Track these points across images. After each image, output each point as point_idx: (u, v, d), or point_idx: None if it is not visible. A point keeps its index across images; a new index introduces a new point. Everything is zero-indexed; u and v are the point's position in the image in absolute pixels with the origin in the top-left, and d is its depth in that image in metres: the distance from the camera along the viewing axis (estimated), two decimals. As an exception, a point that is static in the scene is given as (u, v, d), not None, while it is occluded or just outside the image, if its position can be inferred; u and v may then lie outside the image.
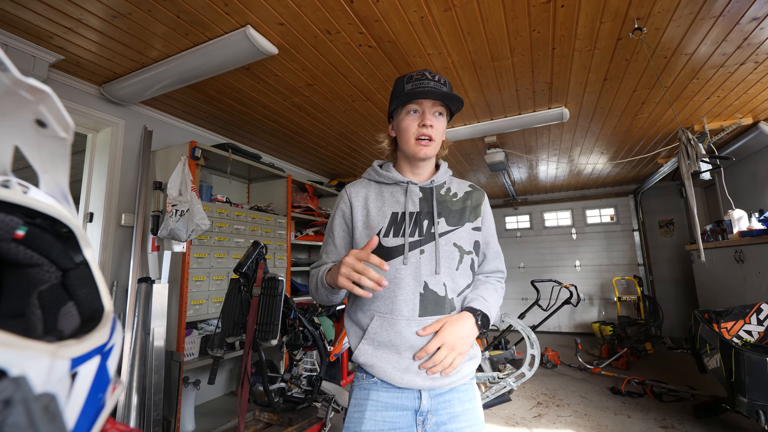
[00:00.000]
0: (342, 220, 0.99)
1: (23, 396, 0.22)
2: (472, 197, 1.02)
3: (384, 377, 0.88)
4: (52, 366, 0.25)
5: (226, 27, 1.93)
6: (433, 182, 0.99)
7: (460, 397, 0.90)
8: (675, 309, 5.41)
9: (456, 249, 0.93)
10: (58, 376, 0.25)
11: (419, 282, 0.89)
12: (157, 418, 2.18)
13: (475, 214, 1.00)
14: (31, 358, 0.23)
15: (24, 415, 0.22)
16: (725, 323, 2.58)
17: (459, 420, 0.88)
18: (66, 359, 0.26)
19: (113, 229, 2.57)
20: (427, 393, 0.88)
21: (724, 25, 2.00)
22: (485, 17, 1.90)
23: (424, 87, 0.91)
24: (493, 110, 3.02)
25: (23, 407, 0.22)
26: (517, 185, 5.83)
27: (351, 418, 0.90)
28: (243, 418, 2.22)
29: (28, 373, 0.23)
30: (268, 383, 2.29)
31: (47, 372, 0.24)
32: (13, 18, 1.83)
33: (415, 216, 0.94)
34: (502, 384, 2.24)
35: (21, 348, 0.23)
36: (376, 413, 0.87)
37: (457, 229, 0.95)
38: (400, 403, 0.88)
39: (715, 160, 3.28)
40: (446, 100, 0.93)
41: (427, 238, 0.92)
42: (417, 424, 0.87)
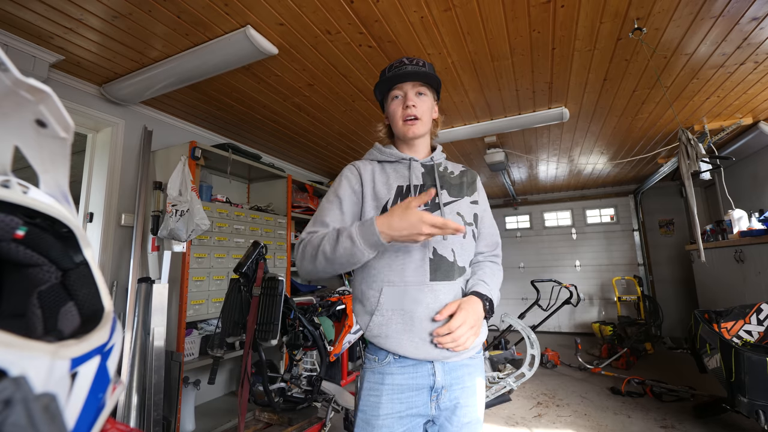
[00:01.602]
0: (351, 190, 0.99)
1: (23, 396, 0.22)
2: (467, 175, 1.09)
3: (398, 349, 0.88)
4: (52, 366, 0.25)
5: (226, 27, 1.93)
6: (433, 159, 1.05)
7: (470, 372, 0.95)
8: (675, 309, 5.41)
9: (460, 218, 0.98)
10: (58, 376, 0.25)
11: (428, 248, 0.93)
12: (157, 418, 2.19)
13: (471, 189, 1.07)
14: (31, 358, 0.23)
15: (24, 415, 0.22)
16: (725, 323, 2.58)
17: (468, 394, 0.92)
18: (66, 359, 0.26)
19: (113, 229, 2.58)
20: (441, 367, 0.90)
21: (724, 25, 2.00)
22: (485, 17, 1.90)
23: (400, 71, 0.98)
24: (493, 110, 3.02)
25: (23, 407, 0.22)
26: (517, 185, 5.83)
27: (367, 402, 0.90)
28: (243, 418, 2.22)
29: (28, 373, 0.23)
30: (268, 383, 2.29)
31: (47, 372, 0.24)
32: (13, 18, 1.83)
33: (420, 188, 0.99)
34: (502, 384, 2.24)
35: (21, 348, 0.23)
36: (392, 396, 0.88)
37: (458, 200, 1.01)
38: (416, 383, 0.89)
39: (715, 160, 3.28)
40: (420, 79, 0.99)
41: (432, 208, 0.97)
42: (431, 400, 0.89)
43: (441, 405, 0.90)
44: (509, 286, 6.56)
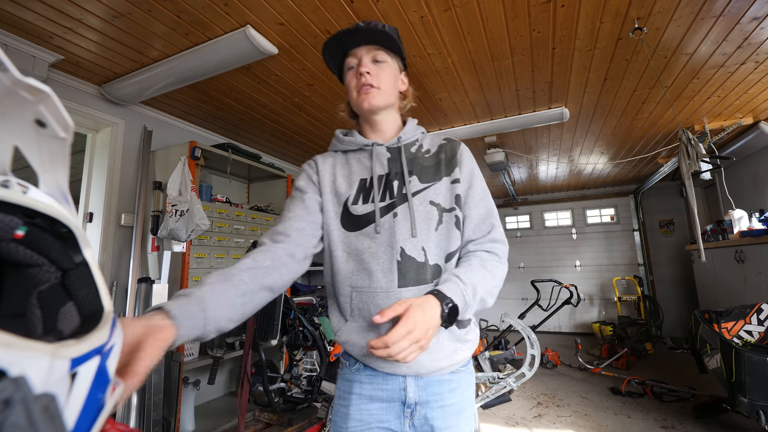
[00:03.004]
0: (310, 180, 0.89)
1: (23, 396, 0.22)
2: (446, 149, 0.89)
3: (367, 360, 0.80)
4: (52, 366, 0.25)
5: (226, 27, 1.93)
6: (400, 140, 0.88)
7: (452, 389, 0.81)
8: (675, 309, 5.41)
9: (434, 207, 0.82)
10: (58, 376, 0.25)
11: (395, 249, 0.79)
12: (157, 419, 2.18)
13: (451, 166, 0.86)
14: (30, 359, 0.23)
15: (24, 415, 0.22)
16: (725, 323, 2.58)
17: (448, 414, 0.80)
18: (66, 359, 0.26)
19: (113, 229, 2.57)
20: (413, 382, 0.79)
21: (725, 25, 2.00)
22: (485, 17, 1.90)
23: (348, 30, 0.83)
24: (493, 110, 3.01)
25: (23, 407, 0.22)
26: (517, 185, 5.83)
27: (337, 411, 0.84)
28: (243, 418, 2.22)
29: (27, 373, 0.23)
30: (268, 383, 2.29)
31: (47, 372, 0.24)
32: (13, 18, 1.83)
33: (384, 178, 0.85)
34: (502, 384, 2.24)
35: (21, 348, 0.23)
36: (360, 406, 0.80)
37: (432, 185, 0.84)
38: (385, 395, 0.80)
39: (716, 160, 3.28)
40: (375, 41, 0.83)
41: (399, 200, 0.82)
42: (405, 416, 0.79)
43: (416, 423, 0.79)
44: (509, 286, 6.55)
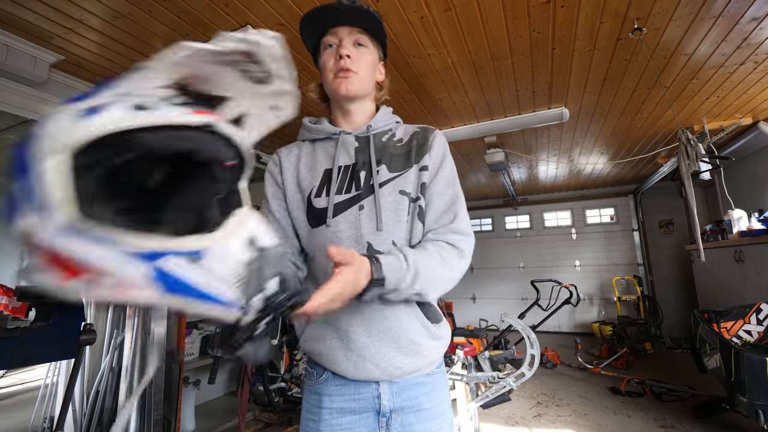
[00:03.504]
0: (275, 185, 0.85)
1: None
2: (418, 136, 0.83)
3: (335, 368, 0.74)
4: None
5: (226, 27, 1.93)
6: (370, 128, 0.83)
7: (427, 392, 0.77)
8: (675, 309, 5.41)
9: (404, 197, 0.77)
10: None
11: (361, 244, 0.74)
12: (157, 418, 2.18)
13: (421, 153, 0.80)
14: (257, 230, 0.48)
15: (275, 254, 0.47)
16: (725, 323, 2.58)
17: (427, 418, 0.76)
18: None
19: (113, 229, 2.57)
20: (387, 388, 0.74)
21: (724, 26, 2.00)
22: (485, 17, 1.90)
23: (329, 7, 0.76)
24: (493, 110, 3.02)
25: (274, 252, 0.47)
26: (517, 185, 5.83)
27: (305, 425, 0.77)
28: (243, 417, 2.22)
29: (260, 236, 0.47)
30: (268, 383, 2.30)
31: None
32: (13, 18, 1.83)
33: (351, 168, 0.79)
34: (501, 384, 2.24)
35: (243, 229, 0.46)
36: (331, 422, 0.74)
37: (403, 174, 0.78)
38: (358, 406, 0.74)
39: (715, 160, 3.28)
40: (363, 23, 0.78)
41: (366, 192, 0.76)
42: (380, 427, 0.74)
43: (393, 431, 0.75)
44: (509, 286, 6.56)
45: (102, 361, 2.36)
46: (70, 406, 2.14)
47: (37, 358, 1.03)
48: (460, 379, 2.39)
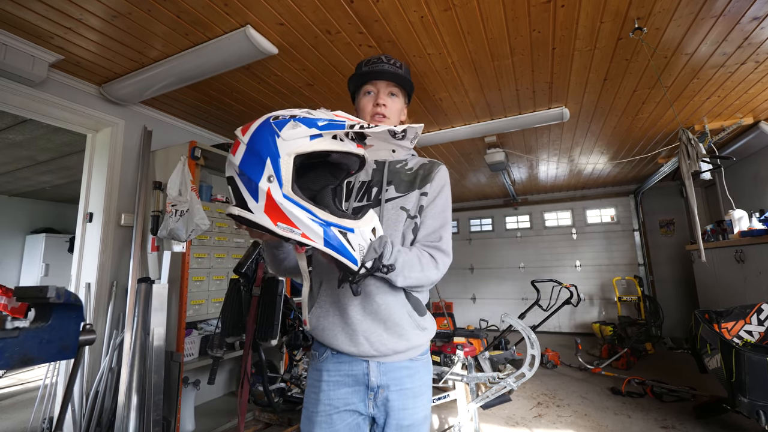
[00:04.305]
0: None
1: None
2: (425, 167, 1.02)
3: (333, 342, 0.91)
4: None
5: (226, 27, 1.93)
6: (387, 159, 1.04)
7: (410, 374, 0.93)
8: (675, 309, 5.40)
9: (403, 212, 0.96)
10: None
11: None
12: (157, 419, 2.18)
13: (425, 181, 0.99)
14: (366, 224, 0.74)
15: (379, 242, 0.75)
16: (726, 323, 2.58)
17: (407, 396, 0.91)
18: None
19: (113, 229, 2.57)
20: (375, 367, 0.90)
21: (725, 25, 2.00)
22: (485, 17, 1.90)
23: (377, 68, 1.00)
24: (493, 110, 3.01)
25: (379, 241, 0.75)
26: (517, 185, 5.83)
27: (308, 398, 0.94)
28: (243, 418, 2.22)
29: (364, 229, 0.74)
30: (268, 383, 2.29)
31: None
32: (13, 18, 1.83)
33: (366, 184, 1.00)
34: (502, 384, 2.24)
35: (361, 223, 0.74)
36: (329, 393, 0.91)
37: (405, 195, 0.97)
38: (351, 380, 0.91)
39: (716, 160, 3.28)
40: (397, 80, 1.01)
41: (374, 203, 0.97)
42: (369, 398, 0.90)
43: (378, 404, 0.90)
44: (509, 286, 6.56)
45: (101, 361, 2.35)
46: (69, 406, 2.13)
47: (36, 358, 1.02)
48: (461, 379, 2.38)
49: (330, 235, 0.67)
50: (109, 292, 2.50)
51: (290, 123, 0.66)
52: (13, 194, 5.76)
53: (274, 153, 0.64)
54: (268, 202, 0.64)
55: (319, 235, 0.66)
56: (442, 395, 2.48)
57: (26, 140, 3.50)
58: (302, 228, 0.65)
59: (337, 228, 0.68)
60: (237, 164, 0.66)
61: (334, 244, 0.67)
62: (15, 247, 5.86)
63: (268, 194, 0.64)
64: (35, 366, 4.12)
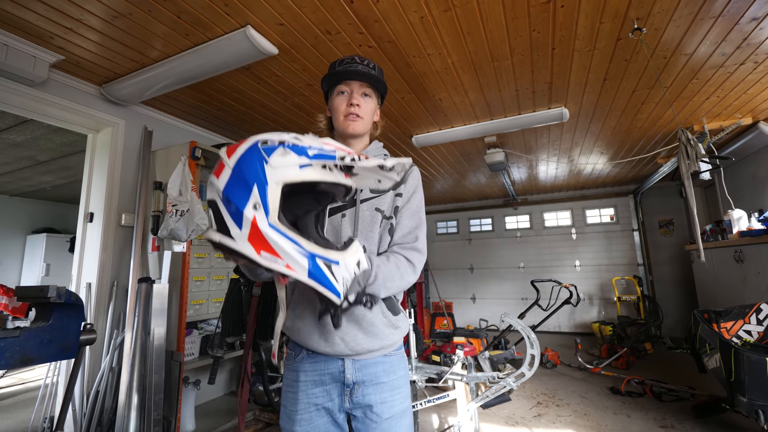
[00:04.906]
0: None
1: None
2: None
3: (309, 342, 0.93)
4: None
5: (226, 27, 1.94)
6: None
7: (385, 369, 0.95)
8: (675, 309, 5.41)
9: (378, 213, 0.97)
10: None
11: (338, 243, 0.92)
12: (157, 418, 2.19)
13: (398, 183, 1.01)
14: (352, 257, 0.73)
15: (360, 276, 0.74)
16: (725, 323, 2.58)
17: (383, 390, 0.94)
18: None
19: (113, 229, 2.58)
20: (351, 364, 0.93)
21: (724, 26, 2.00)
22: (485, 17, 1.90)
23: (350, 68, 1.00)
24: (493, 110, 3.02)
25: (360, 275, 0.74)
26: (517, 185, 5.83)
27: (286, 397, 0.96)
28: (243, 417, 2.22)
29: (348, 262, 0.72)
30: (268, 383, 2.30)
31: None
32: (13, 18, 1.83)
33: None
34: (501, 384, 2.24)
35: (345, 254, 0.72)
36: (307, 391, 0.93)
37: (380, 196, 0.99)
38: (327, 378, 0.93)
39: (715, 160, 3.28)
40: (370, 81, 1.01)
41: (349, 204, 0.97)
42: (345, 394, 0.93)
43: (354, 400, 0.92)
44: (509, 286, 6.56)
45: (102, 361, 2.36)
46: (70, 406, 2.14)
47: (37, 358, 1.02)
48: (460, 379, 2.39)
49: (314, 267, 0.65)
50: (110, 292, 2.51)
51: (279, 150, 0.63)
52: (14, 194, 5.76)
53: (261, 180, 0.62)
54: (252, 230, 0.62)
55: (303, 267, 0.65)
56: (442, 395, 2.48)
57: (27, 140, 3.50)
58: (286, 259, 0.63)
59: (322, 260, 0.66)
60: (221, 188, 0.63)
61: (317, 277, 0.66)
62: (16, 247, 5.86)
63: (253, 222, 0.61)
64: (36, 365, 4.13)
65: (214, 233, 0.64)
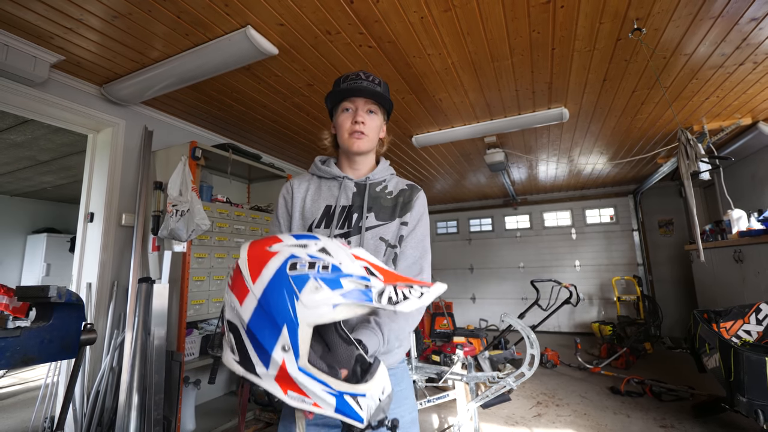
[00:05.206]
0: (285, 209, 1.04)
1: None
2: (405, 194, 1.02)
3: None
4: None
5: (226, 27, 1.94)
6: (369, 179, 1.02)
7: (392, 381, 0.91)
8: (674, 309, 5.41)
9: (383, 243, 0.95)
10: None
11: None
12: (157, 418, 2.19)
13: (405, 210, 1.00)
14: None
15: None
16: (724, 323, 2.59)
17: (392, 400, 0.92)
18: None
19: (114, 229, 2.58)
20: None
21: (723, 26, 2.01)
22: (485, 17, 1.90)
23: (355, 85, 0.97)
24: (493, 110, 3.02)
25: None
26: (517, 185, 5.84)
27: (286, 409, 0.92)
28: (243, 417, 2.23)
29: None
30: (268, 383, 2.29)
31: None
32: (13, 18, 1.83)
33: (347, 209, 0.98)
34: (501, 384, 2.24)
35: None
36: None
37: (386, 224, 0.97)
38: (331, 421, 0.89)
39: (715, 161, 3.28)
40: (375, 98, 0.99)
41: (354, 231, 0.95)
42: None
43: None
44: (509, 286, 6.57)
45: (102, 361, 2.36)
46: (70, 406, 2.14)
47: (37, 357, 1.03)
48: (460, 378, 2.39)
49: (341, 404, 0.64)
50: (110, 292, 2.51)
51: (311, 284, 0.59)
52: (14, 194, 5.76)
53: (292, 321, 0.58)
54: (280, 372, 0.59)
55: (330, 405, 0.63)
56: (442, 395, 2.49)
57: (27, 140, 3.50)
58: (314, 398, 0.62)
59: (350, 396, 0.64)
60: (246, 321, 0.60)
61: (344, 411, 0.64)
62: (16, 246, 5.86)
63: (282, 365, 0.59)
64: (36, 365, 4.13)
65: (237, 366, 0.62)
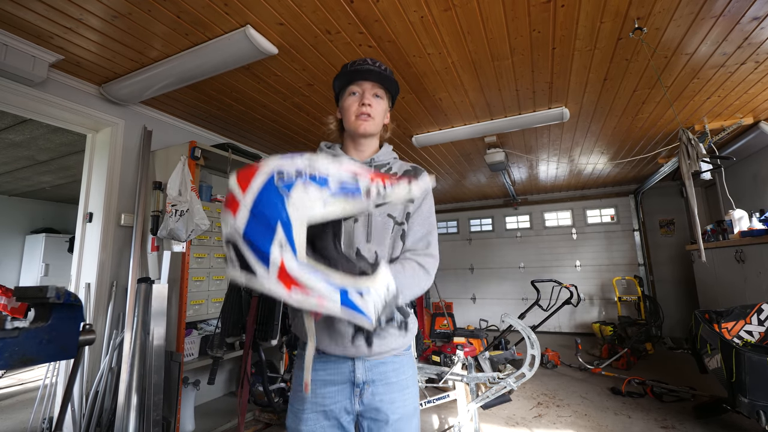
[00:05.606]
0: None
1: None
2: (409, 174, 1.06)
3: (320, 345, 0.92)
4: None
5: (226, 27, 1.93)
6: (373, 161, 1.05)
7: (395, 369, 0.96)
8: (675, 309, 5.40)
9: (390, 220, 0.97)
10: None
11: (352, 248, 0.94)
12: (156, 419, 2.18)
13: None
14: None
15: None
16: (726, 323, 2.58)
17: (393, 390, 0.95)
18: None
19: (113, 229, 2.57)
20: (361, 364, 0.93)
21: (725, 25, 2.00)
22: (485, 17, 1.90)
23: (363, 68, 1.00)
24: (493, 110, 3.01)
25: None
26: (517, 185, 5.83)
27: (295, 396, 0.97)
28: (243, 418, 2.22)
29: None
30: (268, 383, 2.29)
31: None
32: (13, 18, 1.83)
33: None
34: (502, 384, 2.24)
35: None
36: (316, 391, 0.93)
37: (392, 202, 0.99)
38: (337, 378, 0.93)
39: (716, 160, 3.28)
40: (382, 82, 1.01)
41: None
42: (355, 395, 0.93)
43: (365, 401, 0.93)
44: (509, 286, 6.56)
45: (101, 361, 2.35)
46: (69, 406, 2.13)
47: (36, 358, 1.02)
48: (461, 379, 2.38)
49: (346, 299, 0.65)
50: (109, 292, 2.50)
51: (299, 185, 0.61)
52: (13, 194, 5.76)
53: (285, 220, 0.61)
54: (280, 270, 0.61)
55: (335, 301, 0.64)
56: (442, 395, 2.48)
57: (26, 140, 3.50)
58: (317, 294, 0.63)
59: (353, 290, 0.66)
60: (241, 230, 0.62)
61: (350, 305, 0.65)
62: (15, 247, 5.86)
63: (281, 264, 0.61)
64: (35, 366, 4.12)
65: (239, 273, 0.63)
